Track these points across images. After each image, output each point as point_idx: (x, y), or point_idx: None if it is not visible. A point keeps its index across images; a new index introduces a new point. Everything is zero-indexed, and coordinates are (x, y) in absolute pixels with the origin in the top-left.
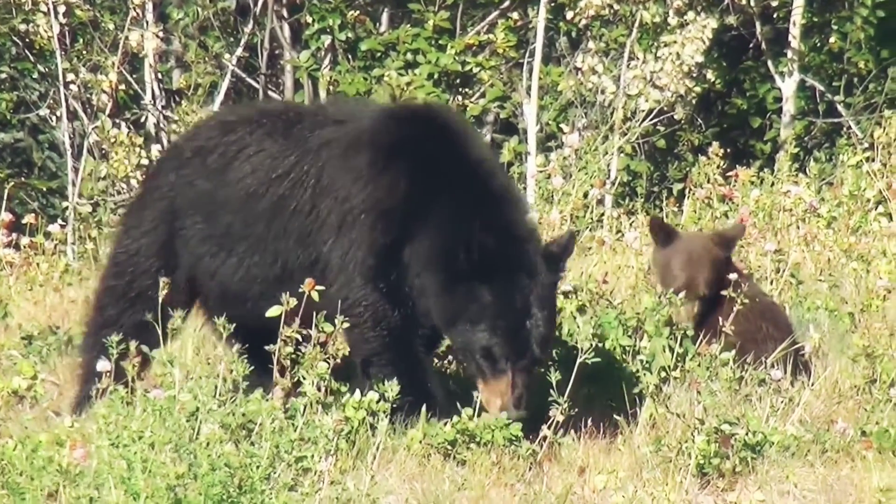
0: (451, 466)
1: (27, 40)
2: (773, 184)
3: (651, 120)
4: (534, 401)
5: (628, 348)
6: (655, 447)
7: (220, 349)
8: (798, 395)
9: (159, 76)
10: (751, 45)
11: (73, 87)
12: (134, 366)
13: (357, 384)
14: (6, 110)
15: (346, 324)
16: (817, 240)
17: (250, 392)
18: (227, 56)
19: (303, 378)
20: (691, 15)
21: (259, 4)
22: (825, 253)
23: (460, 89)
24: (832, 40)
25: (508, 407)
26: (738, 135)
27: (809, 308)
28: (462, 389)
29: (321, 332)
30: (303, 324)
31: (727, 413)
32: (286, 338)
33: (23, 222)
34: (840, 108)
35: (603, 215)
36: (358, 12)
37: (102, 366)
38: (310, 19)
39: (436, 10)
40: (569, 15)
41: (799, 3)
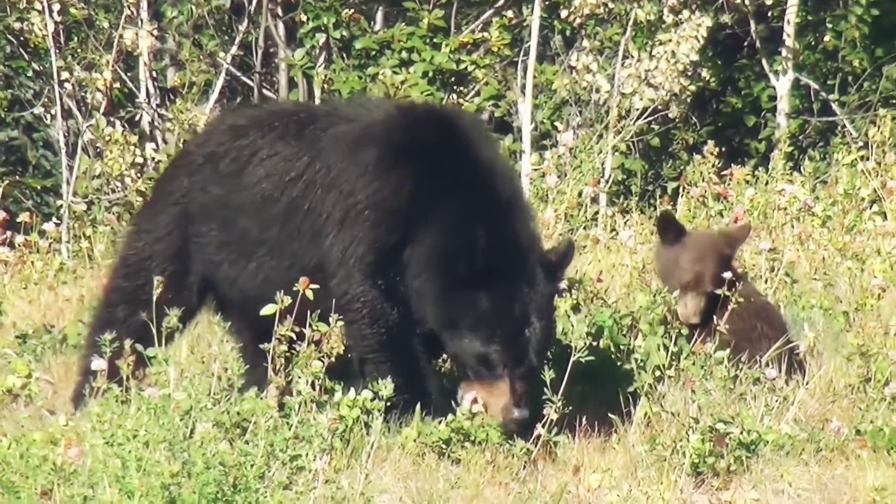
0: (446, 465)
1: (22, 38)
2: (767, 182)
3: (646, 118)
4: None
5: (623, 347)
6: (650, 446)
7: (216, 348)
8: (793, 393)
9: (154, 74)
10: (745, 43)
11: (68, 86)
12: (129, 365)
13: (352, 382)
14: (0, 108)
15: (344, 320)
16: (812, 238)
17: (245, 389)
18: (221, 54)
19: (297, 377)
20: (686, 13)
21: (254, 3)
22: (820, 252)
23: (455, 88)
24: (827, 39)
25: (510, 406)
26: (732, 133)
27: (804, 307)
28: (456, 388)
29: (315, 330)
30: (303, 322)
31: (722, 412)
32: (280, 336)
33: (17, 220)
34: (835, 106)
35: (597, 214)
36: (352, 10)
37: (97, 364)
38: (304, 17)
39: (430, 8)
40: (563, 13)
41: (793, 1)
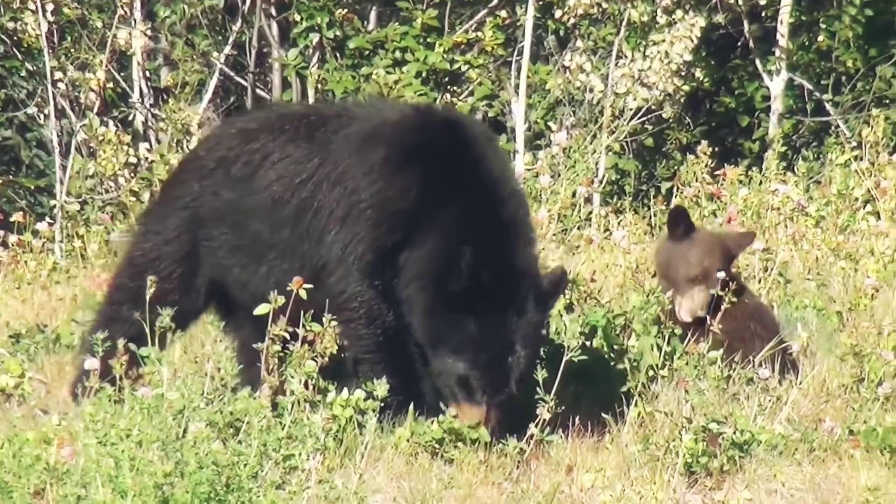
0: (439, 465)
1: (15, 38)
2: (761, 182)
3: (639, 118)
4: (514, 415)
5: (616, 347)
6: (643, 446)
7: (209, 348)
8: (786, 393)
9: (147, 74)
10: (739, 43)
11: (61, 86)
12: (122, 364)
13: (346, 382)
14: None
15: (340, 318)
16: (805, 238)
17: (241, 389)
18: (215, 54)
19: (290, 376)
20: (679, 13)
21: (247, 2)
22: (813, 252)
23: (448, 87)
24: (820, 39)
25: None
26: (726, 133)
27: (797, 307)
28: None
29: (309, 330)
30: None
31: (715, 412)
32: (273, 336)
33: (10, 220)
34: (828, 106)
35: (591, 214)
36: (346, 10)
37: (90, 364)
38: (298, 17)
39: (424, 8)
40: (557, 13)
41: (787, 1)
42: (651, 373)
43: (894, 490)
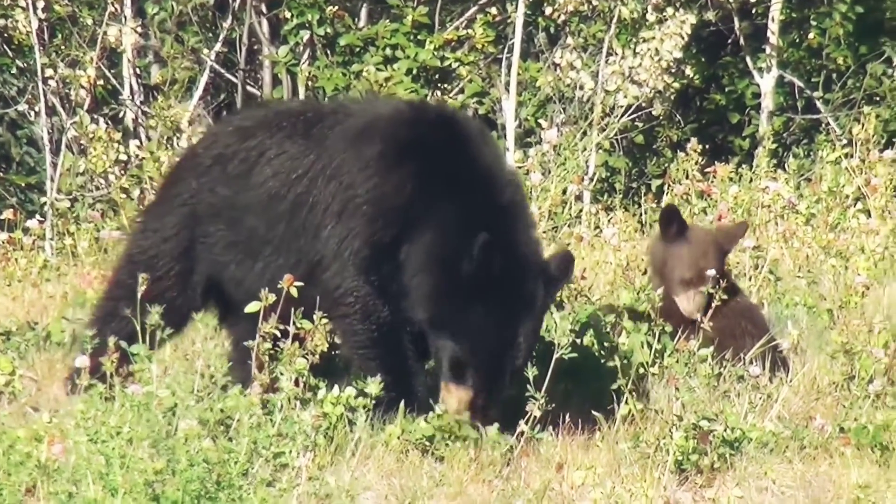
0: (430, 462)
1: (5, 35)
2: (751, 180)
3: (629, 116)
4: (496, 413)
5: (606, 344)
6: (634, 443)
7: (199, 345)
8: (776, 391)
9: (138, 71)
10: (729, 40)
11: (52, 83)
12: (112, 362)
13: (336, 380)
14: None
15: (336, 314)
16: (796, 236)
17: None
18: (205, 51)
19: (280, 374)
20: (670, 10)
21: (237, 0)
22: (804, 249)
23: (439, 85)
24: (811, 36)
25: (471, 417)
26: (716, 131)
27: (788, 305)
28: (438, 386)
29: (300, 328)
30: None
31: (705, 409)
32: (264, 333)
33: (1, 217)
34: (819, 104)
35: (581, 211)
36: (336, 7)
37: (81, 361)
38: (288, 14)
39: (414, 5)
40: (547, 10)
41: None
42: (641, 370)
43: (885, 487)
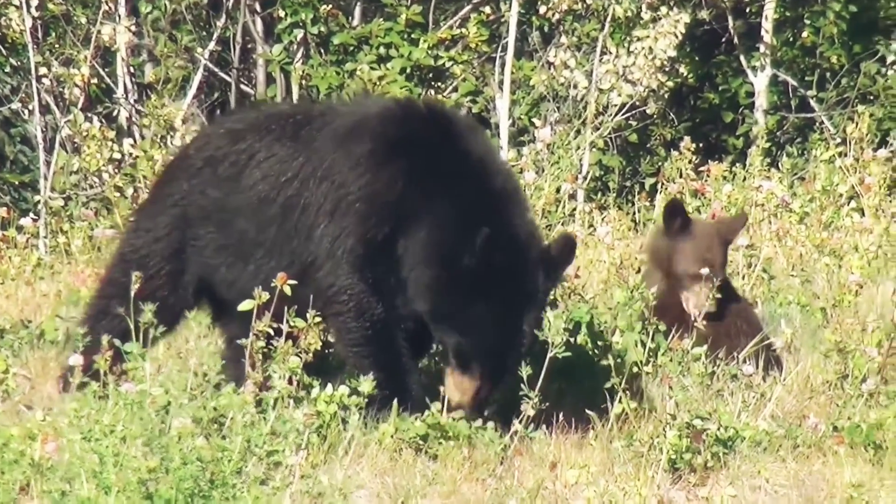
0: (423, 461)
1: None
2: (745, 179)
3: (623, 114)
4: (500, 397)
5: (600, 343)
6: (627, 442)
7: (192, 343)
8: (770, 390)
9: (132, 70)
10: (723, 39)
11: (46, 81)
12: (106, 360)
13: (330, 378)
14: None
15: (330, 312)
16: (789, 235)
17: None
18: (199, 50)
19: (273, 372)
20: (664, 9)
21: None
22: (797, 248)
23: (433, 83)
24: (805, 35)
25: (465, 404)
26: (710, 129)
27: (781, 303)
28: (432, 384)
29: (293, 327)
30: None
31: (699, 408)
32: (257, 332)
33: None
34: (812, 102)
35: (575, 210)
36: (330, 6)
37: (75, 360)
38: (282, 13)
39: (408, 4)
40: (541, 9)
41: None
42: (635, 369)
43: (878, 486)
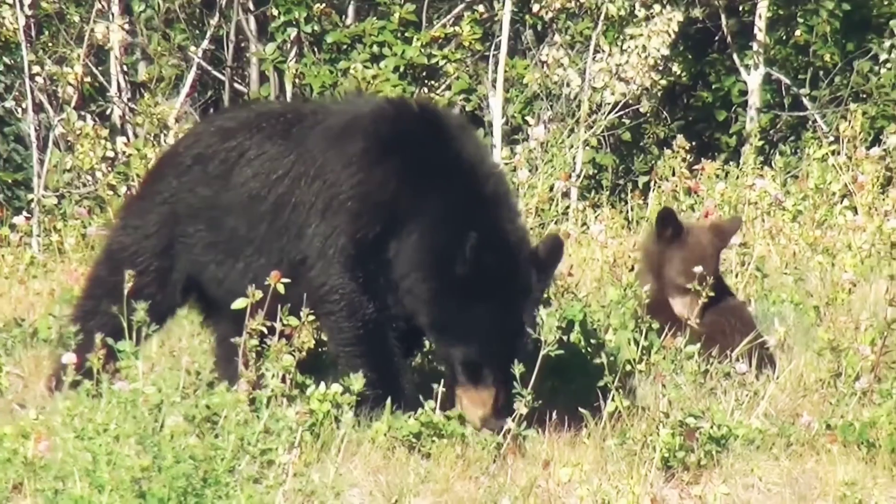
0: (416, 459)
1: None
2: (738, 177)
3: (616, 113)
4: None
5: (593, 341)
6: (620, 440)
7: (185, 342)
8: (763, 388)
9: (125, 68)
10: (716, 37)
11: (39, 80)
12: (99, 358)
13: (323, 377)
14: None
15: (321, 311)
16: (783, 233)
17: (219, 384)
18: (192, 48)
19: (266, 370)
20: (657, 8)
21: None
22: (790, 246)
23: (426, 82)
24: (798, 33)
25: (489, 417)
26: (703, 128)
27: (775, 301)
28: (425, 382)
29: (286, 325)
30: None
31: (692, 406)
32: (251, 330)
33: None
34: (805, 101)
35: (568, 208)
36: (324, 5)
37: (68, 358)
38: (276, 12)
39: (402, 2)
40: (535, 8)
41: None
42: (628, 367)
43: (871, 485)
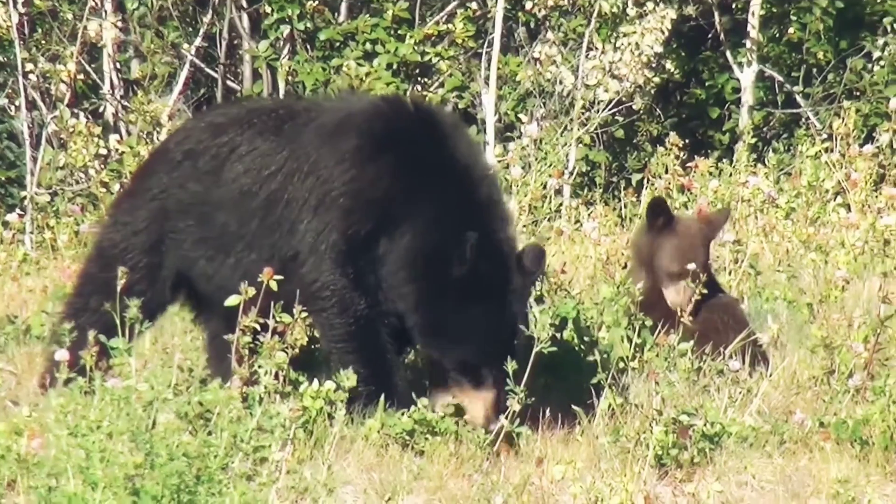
0: (409, 456)
1: None
2: (731, 174)
3: (610, 110)
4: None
5: (586, 338)
6: (613, 438)
7: (178, 339)
8: (756, 386)
9: (118, 66)
10: (710, 35)
11: (32, 77)
12: (92, 355)
13: (316, 374)
14: None
15: (313, 308)
16: (776, 230)
17: (211, 381)
18: (185, 46)
19: (259, 367)
20: (650, 5)
21: None
22: (784, 244)
23: (419, 79)
24: (791, 31)
25: (491, 416)
26: (696, 125)
27: (768, 299)
28: (418, 379)
29: (279, 322)
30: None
31: (685, 404)
32: (244, 327)
33: None
34: (799, 98)
35: (561, 205)
36: (317, 2)
37: (61, 355)
38: (269, 9)
39: (394, 0)
40: (528, 5)
41: None
42: (621, 365)
43: (864, 482)
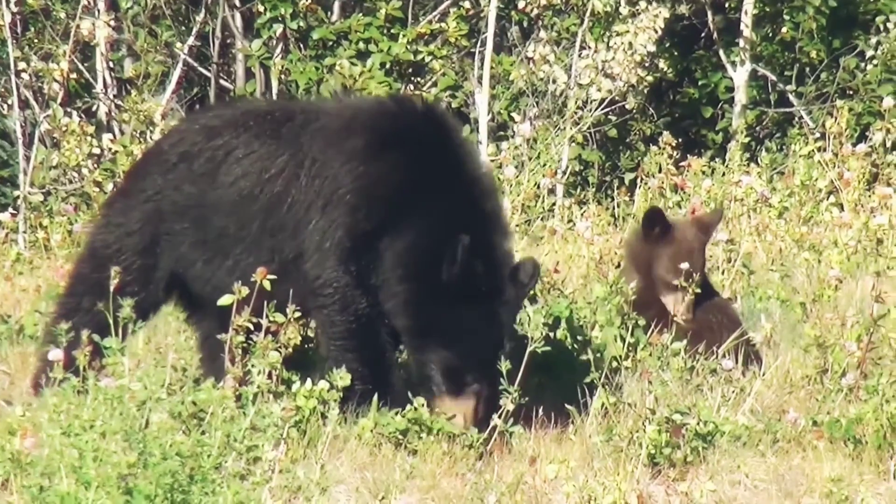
0: (402, 456)
1: None
2: (724, 173)
3: (603, 109)
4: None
5: (580, 338)
6: (607, 437)
7: (171, 338)
8: (749, 384)
9: (111, 65)
10: (703, 34)
11: (25, 76)
12: (85, 355)
13: (310, 373)
14: None
15: (314, 304)
16: (769, 230)
17: (204, 381)
18: (178, 45)
19: (252, 367)
20: (643, 4)
21: None
22: (777, 243)
23: (412, 78)
24: (784, 30)
25: (473, 426)
26: (689, 124)
27: (761, 298)
28: (413, 378)
29: (272, 321)
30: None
31: (678, 403)
32: (237, 327)
33: None
34: (792, 97)
35: (554, 205)
36: (310, 1)
37: (54, 355)
38: (261, 8)
39: None
40: (521, 4)
41: None
42: (615, 364)
43: (857, 481)
